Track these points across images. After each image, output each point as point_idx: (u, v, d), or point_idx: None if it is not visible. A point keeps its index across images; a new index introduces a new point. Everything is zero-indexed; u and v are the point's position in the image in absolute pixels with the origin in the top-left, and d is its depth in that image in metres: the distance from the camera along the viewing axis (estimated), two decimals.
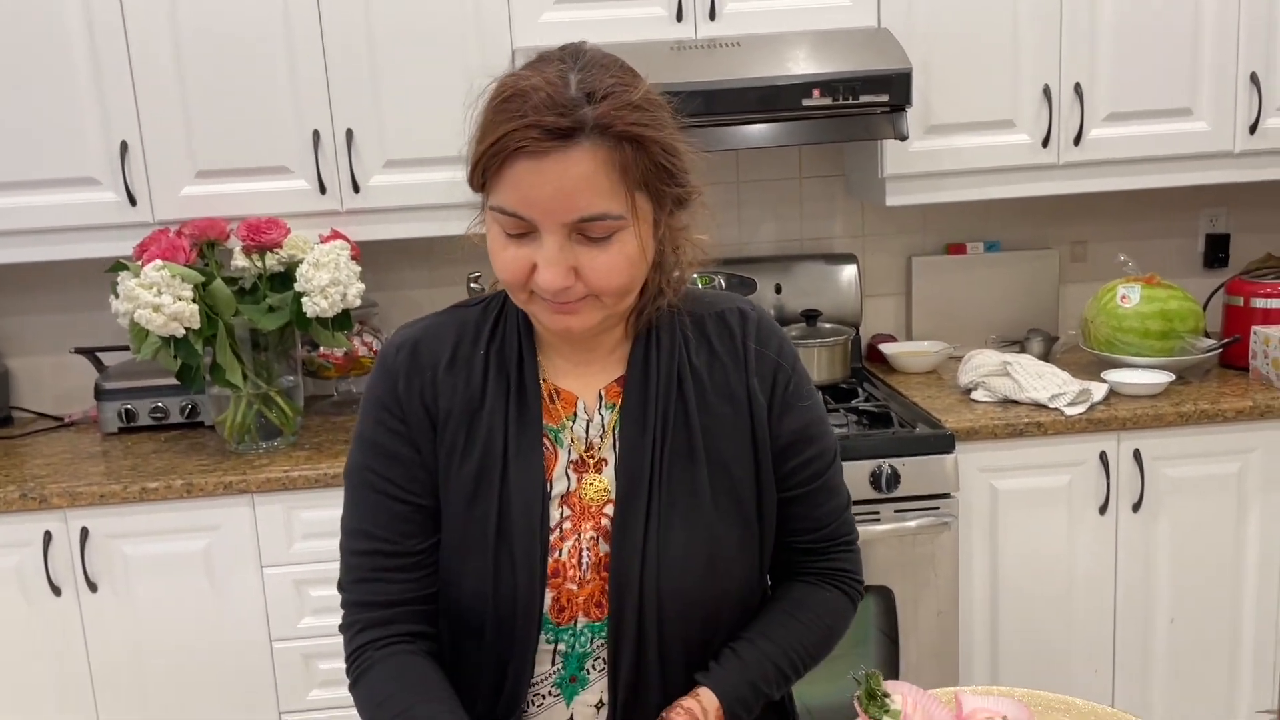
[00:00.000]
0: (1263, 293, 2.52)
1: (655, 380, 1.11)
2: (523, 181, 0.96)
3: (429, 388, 1.11)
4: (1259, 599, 2.41)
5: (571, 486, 1.10)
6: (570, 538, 1.09)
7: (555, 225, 0.98)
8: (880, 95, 2.25)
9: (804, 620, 1.15)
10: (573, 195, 0.96)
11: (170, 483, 2.18)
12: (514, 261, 1.01)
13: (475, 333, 1.14)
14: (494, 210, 1.00)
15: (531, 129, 0.94)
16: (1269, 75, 2.48)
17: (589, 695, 1.11)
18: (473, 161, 1.01)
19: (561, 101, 0.95)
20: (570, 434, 1.11)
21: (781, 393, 1.13)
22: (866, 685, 0.98)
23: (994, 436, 2.29)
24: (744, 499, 1.11)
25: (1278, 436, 2.34)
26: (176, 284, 2.09)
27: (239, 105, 2.36)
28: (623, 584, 1.06)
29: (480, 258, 2.81)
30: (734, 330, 1.15)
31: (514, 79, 0.99)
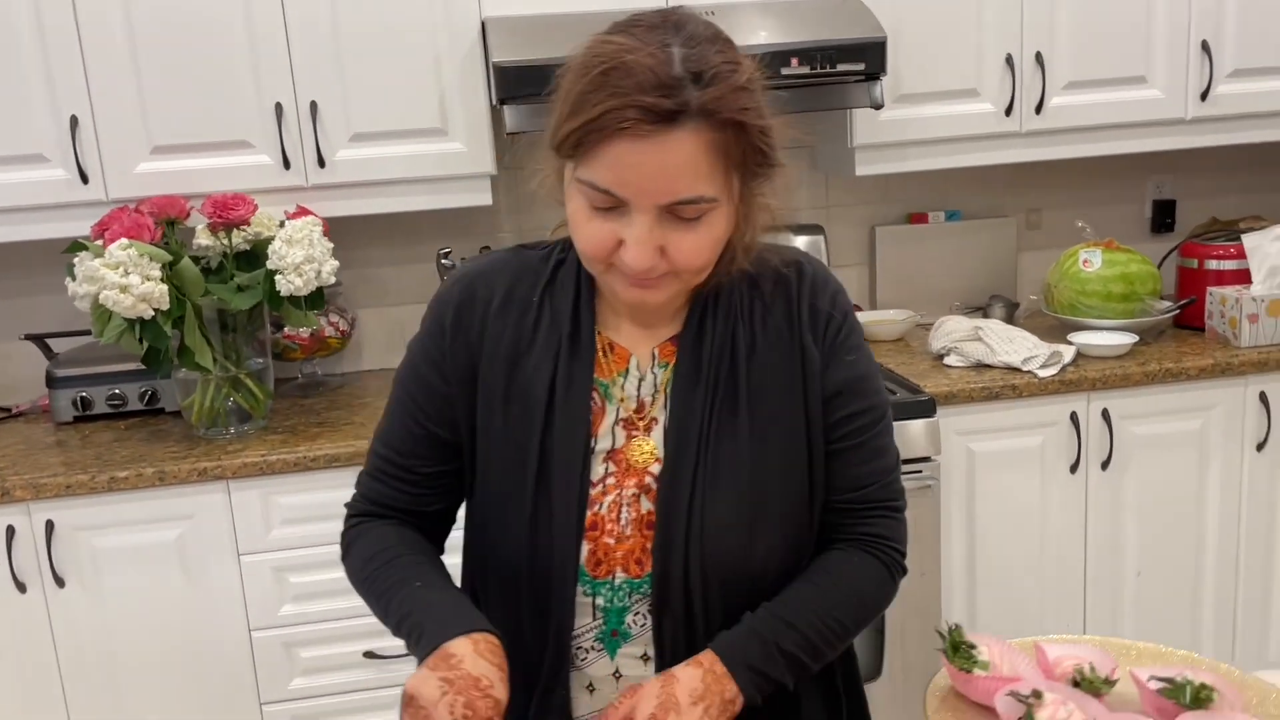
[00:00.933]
0: (1216, 254, 2.61)
1: (710, 342, 1.09)
2: (620, 161, 0.94)
3: (476, 325, 1.11)
4: (1219, 550, 2.51)
5: (618, 443, 1.09)
6: (612, 493, 1.08)
7: (649, 206, 0.96)
8: (856, 64, 2.26)
9: (828, 587, 1.10)
10: (672, 179, 0.94)
11: (141, 471, 2.09)
12: (598, 235, 0.99)
13: (534, 276, 1.13)
14: (584, 184, 0.97)
15: (635, 109, 0.91)
16: (1219, 43, 2.56)
17: (633, 648, 1.10)
18: (564, 130, 0.97)
19: (667, 81, 0.92)
20: (621, 390, 1.11)
21: (830, 343, 1.11)
22: (951, 638, 0.98)
23: (971, 400, 2.33)
24: (794, 460, 1.10)
25: (1236, 393, 2.43)
26: (145, 263, 2.01)
27: (196, 77, 2.27)
28: (668, 547, 1.06)
29: (451, 233, 2.78)
30: (790, 286, 1.13)
31: (614, 48, 0.94)
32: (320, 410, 2.44)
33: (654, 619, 1.07)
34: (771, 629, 1.05)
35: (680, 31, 0.96)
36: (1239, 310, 2.44)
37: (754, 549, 1.07)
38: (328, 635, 2.21)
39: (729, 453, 1.07)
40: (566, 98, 0.97)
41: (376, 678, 2.24)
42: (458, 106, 2.37)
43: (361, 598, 1.13)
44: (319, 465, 2.15)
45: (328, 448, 2.16)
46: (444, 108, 2.37)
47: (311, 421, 2.35)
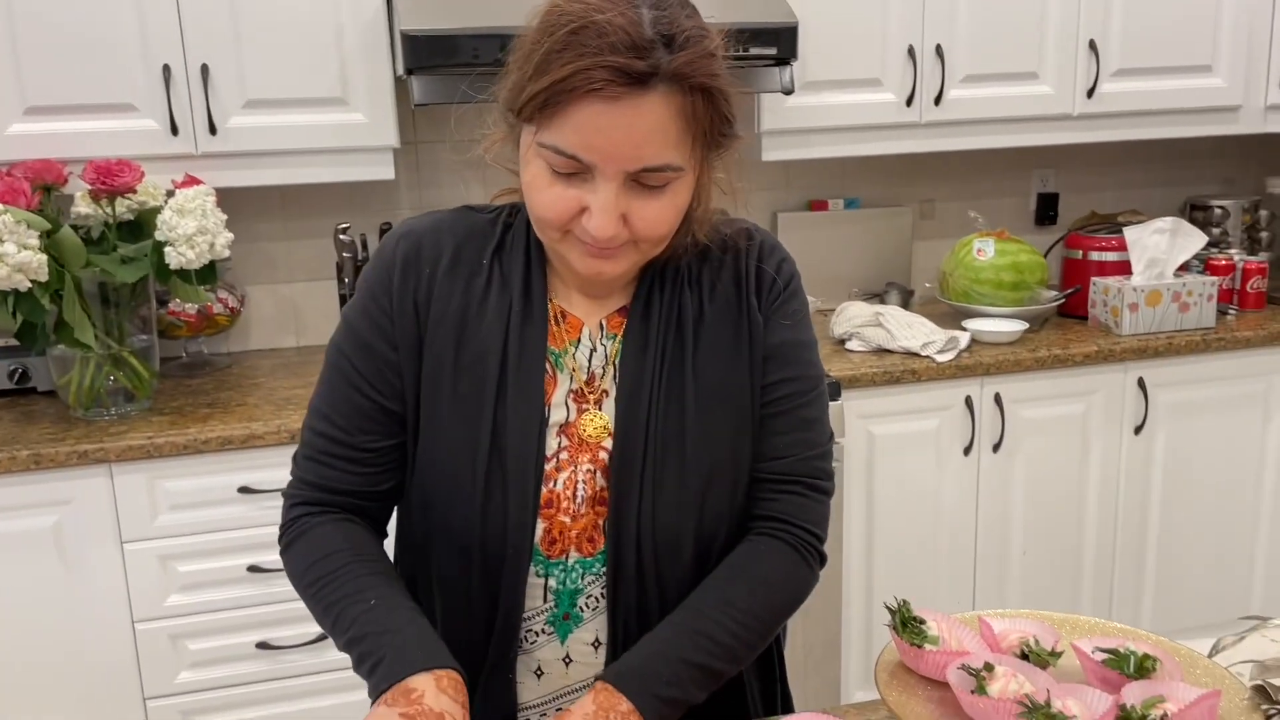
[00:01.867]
0: (1099, 246, 2.72)
1: (658, 312, 1.07)
2: (588, 125, 0.91)
3: (424, 286, 1.06)
4: (1098, 530, 2.63)
5: (571, 417, 1.06)
6: (566, 469, 1.05)
7: (616, 172, 0.93)
8: (769, 48, 2.27)
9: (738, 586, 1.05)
10: (640, 144, 0.92)
11: (14, 453, 1.95)
12: (559, 201, 0.95)
13: (483, 238, 1.08)
14: (547, 149, 0.93)
15: (606, 70, 0.88)
16: (1105, 42, 2.66)
17: (584, 634, 1.08)
18: (526, 91, 0.92)
19: (639, 43, 0.89)
20: (573, 360, 1.07)
21: (771, 305, 1.09)
22: (900, 614, 0.99)
23: (873, 384, 2.38)
24: (740, 427, 1.07)
25: (1116, 379, 2.55)
26: (21, 231, 1.87)
27: (76, 34, 2.12)
28: (621, 522, 1.04)
29: (347, 208, 2.68)
30: (740, 252, 1.11)
31: (582, 8, 0.91)
32: (209, 390, 2.33)
33: (609, 596, 1.05)
34: (677, 644, 1.00)
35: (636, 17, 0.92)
36: (1120, 300, 2.56)
37: (703, 523, 1.06)
38: (217, 626, 2.11)
39: (677, 424, 1.05)
40: (529, 58, 0.93)
41: (269, 669, 2.15)
42: (360, 75, 2.28)
43: (302, 599, 1.06)
44: (210, 448, 2.04)
45: (219, 429, 2.06)
46: (345, 76, 2.28)
47: (200, 402, 2.24)
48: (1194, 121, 2.79)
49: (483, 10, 2.12)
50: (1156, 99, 2.73)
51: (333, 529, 1.07)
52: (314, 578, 1.04)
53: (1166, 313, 2.57)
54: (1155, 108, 2.74)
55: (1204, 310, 2.60)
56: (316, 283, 2.68)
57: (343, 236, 2.45)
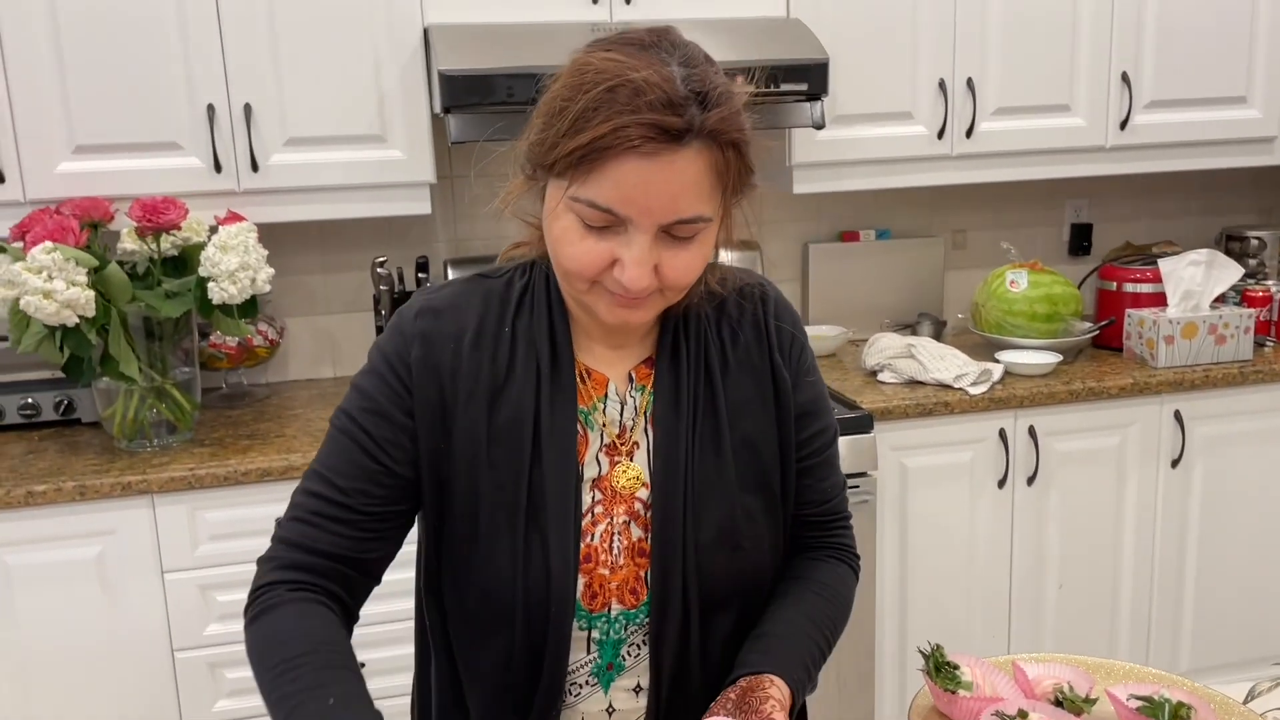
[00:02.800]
0: (1133, 278, 2.71)
1: (685, 362, 1.09)
2: (626, 180, 0.92)
3: (448, 361, 1.06)
4: (1135, 564, 2.60)
5: (603, 471, 1.08)
6: (602, 522, 1.06)
7: (651, 225, 0.95)
8: (800, 84, 2.29)
9: (829, 598, 1.14)
10: (675, 198, 0.94)
11: (60, 485, 2.00)
12: (590, 254, 0.96)
13: (501, 306, 1.09)
14: (582, 203, 0.95)
15: (645, 128, 0.90)
16: (1138, 74, 2.66)
17: (626, 680, 1.09)
18: (560, 147, 0.94)
19: (675, 100, 0.91)
20: (603, 417, 1.09)
21: (795, 364, 1.14)
22: (934, 657, 0.99)
23: (905, 416, 2.37)
24: (769, 476, 1.11)
25: (1152, 411, 2.53)
26: (70, 268, 1.92)
27: (124, 75, 2.18)
28: (666, 572, 1.05)
29: (384, 242, 2.72)
30: (756, 307, 1.14)
31: (616, 65, 0.93)
32: (248, 422, 2.37)
33: (652, 647, 1.06)
34: (805, 647, 1.08)
35: (675, 51, 0.96)
36: (1156, 332, 2.54)
37: (743, 565, 1.08)
38: None
39: (714, 473, 1.07)
40: (561, 114, 0.94)
41: None
42: (398, 113, 2.32)
43: (256, 679, 0.99)
44: (250, 479, 2.08)
45: (259, 461, 2.09)
46: (383, 114, 2.32)
47: (240, 434, 2.27)
48: (1229, 153, 2.78)
49: (518, 51, 2.16)
50: (1190, 131, 2.72)
51: (300, 609, 1.01)
52: (274, 662, 0.97)
53: (1203, 345, 2.55)
54: (1189, 139, 2.73)
55: (1241, 343, 2.58)
56: (354, 314, 2.72)
57: (380, 270, 2.49)
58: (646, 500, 1.07)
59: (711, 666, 1.09)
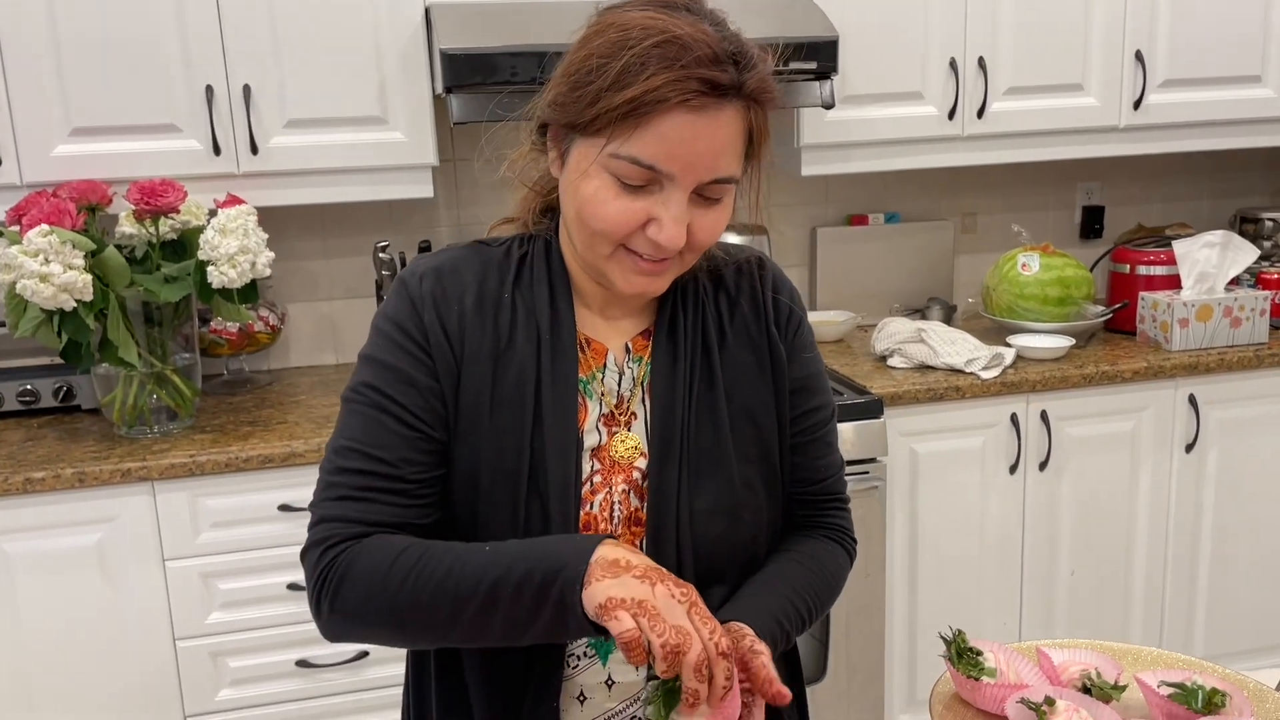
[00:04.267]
0: (1147, 260, 2.67)
1: (683, 333, 1.09)
2: (672, 134, 0.92)
3: (455, 322, 1.04)
4: (1149, 549, 2.57)
5: (602, 440, 1.06)
6: (601, 491, 1.05)
7: (691, 182, 0.94)
8: (809, 62, 2.25)
9: (813, 569, 1.12)
10: (718, 155, 0.94)
11: (59, 471, 1.97)
12: (625, 214, 0.95)
13: (500, 272, 1.08)
14: (623, 159, 0.93)
15: (697, 81, 0.90)
16: (1152, 53, 2.62)
17: None
18: (602, 103, 0.92)
19: (721, 57, 0.92)
20: (601, 386, 1.08)
21: (791, 338, 1.14)
22: (955, 643, 0.96)
23: (916, 401, 2.34)
24: (768, 447, 1.11)
25: (1166, 395, 2.49)
26: (67, 251, 1.89)
27: (121, 56, 2.15)
28: (661, 540, 1.04)
29: (386, 225, 2.68)
30: (754, 280, 1.14)
31: (659, 22, 0.92)
32: (250, 408, 2.34)
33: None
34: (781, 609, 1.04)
35: (705, 14, 0.96)
36: (1170, 315, 2.51)
37: (741, 536, 1.07)
38: (258, 644, 2.11)
39: (711, 443, 1.07)
40: (600, 71, 0.92)
41: (309, 688, 2.15)
42: (399, 95, 2.29)
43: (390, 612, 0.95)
44: (252, 466, 2.05)
45: (261, 448, 2.06)
46: (384, 95, 2.28)
47: (242, 420, 2.24)
48: (1243, 133, 2.74)
49: (521, 29, 2.12)
50: (1205, 110, 2.68)
51: (385, 537, 0.99)
52: (401, 576, 0.95)
53: (1218, 328, 2.51)
54: (1203, 119, 2.69)
55: (1256, 325, 2.54)
56: (356, 300, 2.68)
57: (382, 255, 2.46)
58: (645, 470, 1.06)
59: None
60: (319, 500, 1.02)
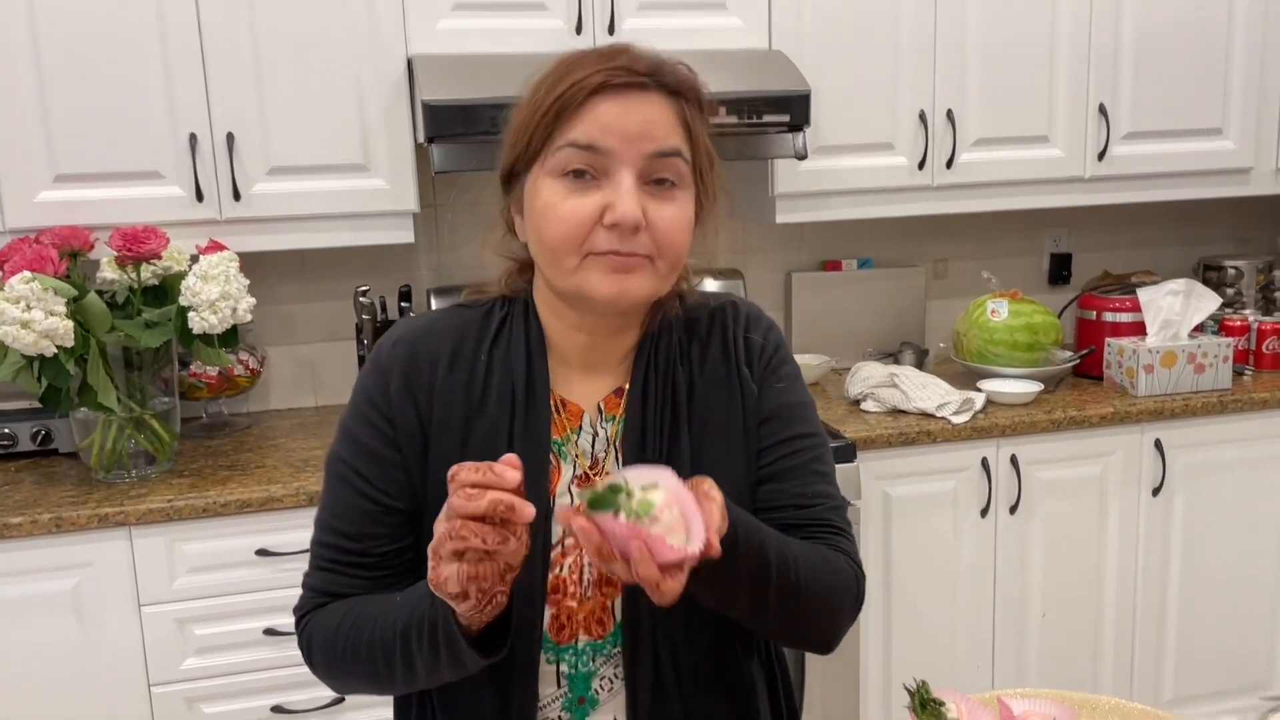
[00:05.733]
0: (1113, 307, 2.73)
1: (654, 389, 1.09)
2: (603, 113, 0.98)
3: (424, 390, 1.07)
4: (1118, 592, 2.60)
5: (574, 502, 1.06)
6: (572, 554, 1.06)
7: (634, 156, 0.98)
8: (782, 115, 2.30)
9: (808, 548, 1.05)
10: (653, 125, 0.99)
11: (36, 517, 1.97)
12: (578, 210, 0.98)
13: (478, 334, 1.10)
14: (563, 148, 0.98)
15: (610, 71, 0.98)
16: (1115, 106, 2.69)
17: (602, 716, 1.08)
18: (537, 120, 0.99)
19: (634, 65, 0.99)
20: (575, 448, 1.09)
21: (763, 371, 1.12)
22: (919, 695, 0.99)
23: (888, 444, 2.38)
24: (740, 495, 1.08)
25: (1134, 440, 2.54)
26: (49, 298, 1.90)
27: (106, 104, 2.18)
28: (635, 600, 1.04)
29: (366, 270, 2.70)
30: (726, 324, 1.14)
31: (577, 52, 1.02)
32: (228, 452, 2.35)
33: (627, 676, 1.05)
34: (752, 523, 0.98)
35: (630, 49, 1.03)
36: (1136, 361, 2.56)
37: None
38: (233, 690, 2.11)
39: None
40: (535, 94, 1.01)
41: None
42: (381, 143, 2.32)
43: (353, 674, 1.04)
44: (229, 511, 2.06)
45: (239, 492, 2.07)
46: (367, 143, 2.32)
47: (220, 464, 2.25)
48: (1205, 184, 2.81)
49: (501, 81, 2.16)
50: (1167, 161, 2.75)
51: (336, 604, 1.08)
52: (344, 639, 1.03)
53: (1182, 374, 2.57)
54: (1166, 170, 2.76)
55: (1220, 372, 2.60)
56: (336, 343, 2.71)
57: (362, 299, 2.49)
58: None
59: (692, 701, 1.07)
60: (308, 568, 1.11)
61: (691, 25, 2.44)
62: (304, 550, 2.05)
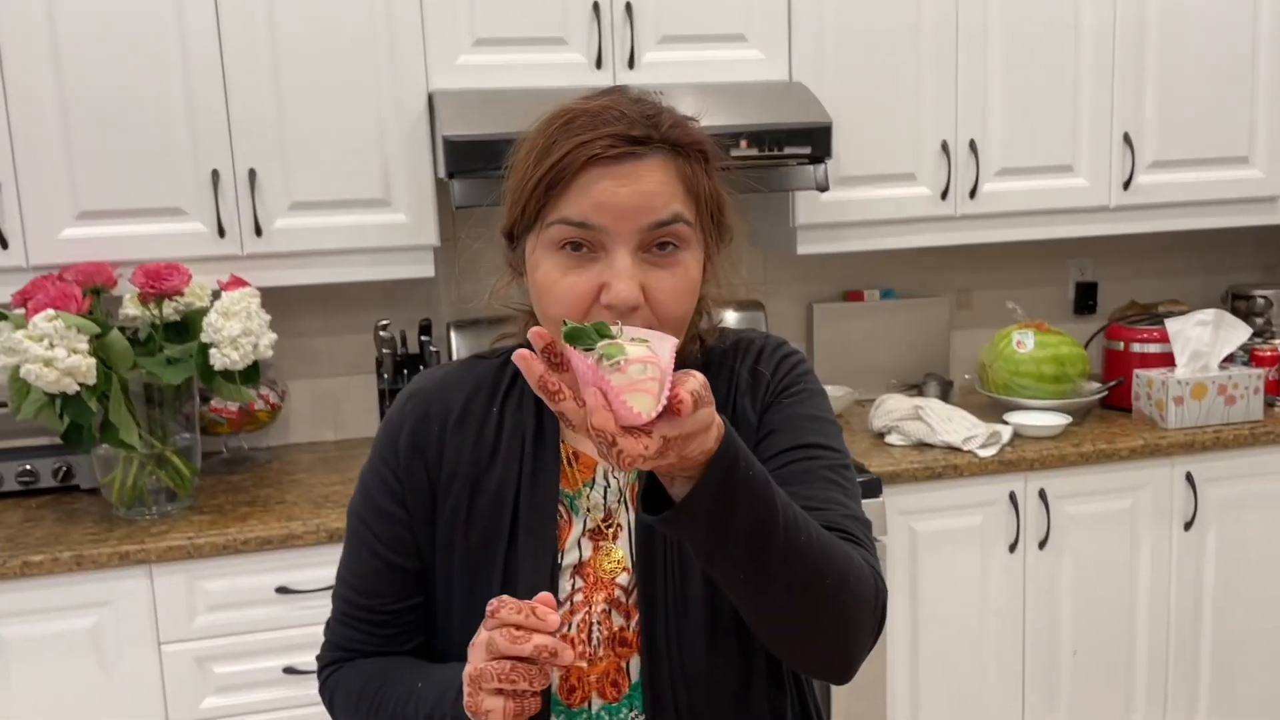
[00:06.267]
0: (1140, 338, 2.69)
1: None
2: (595, 188, 0.92)
3: (433, 446, 1.06)
4: (1150, 629, 2.55)
5: (585, 556, 1.04)
6: (580, 611, 1.02)
7: (629, 233, 0.93)
8: (803, 147, 2.29)
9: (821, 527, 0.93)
10: (648, 197, 0.93)
11: (57, 555, 1.96)
12: (575, 287, 0.94)
13: (491, 387, 1.08)
14: (556, 224, 0.94)
15: (604, 139, 0.92)
16: (1140, 135, 2.67)
17: None
18: (531, 180, 0.95)
19: (632, 117, 0.95)
20: (587, 501, 1.05)
21: (764, 400, 1.06)
22: None
23: (914, 479, 2.34)
24: None
25: (1164, 473, 2.50)
26: (71, 335, 1.90)
27: (130, 142, 2.19)
28: (655, 659, 1.01)
29: (387, 304, 2.70)
30: (734, 360, 1.09)
31: (571, 104, 0.97)
32: (249, 488, 2.34)
33: None
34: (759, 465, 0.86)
35: (626, 93, 1.00)
36: (1165, 393, 2.52)
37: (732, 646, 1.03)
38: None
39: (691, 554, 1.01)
40: (526, 159, 0.97)
41: None
42: (402, 178, 2.33)
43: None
44: (250, 548, 2.04)
45: (259, 529, 2.06)
46: (387, 178, 2.32)
47: (240, 500, 2.24)
48: (1232, 212, 2.78)
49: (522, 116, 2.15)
50: (1193, 190, 2.73)
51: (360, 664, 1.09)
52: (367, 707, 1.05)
53: (1213, 406, 2.53)
54: (1192, 199, 2.73)
55: (1251, 403, 2.55)
56: (356, 377, 2.70)
57: (382, 333, 2.48)
58: (626, 585, 1.03)
59: None
60: (330, 616, 1.13)
61: (711, 58, 2.43)
62: (324, 588, 2.06)
